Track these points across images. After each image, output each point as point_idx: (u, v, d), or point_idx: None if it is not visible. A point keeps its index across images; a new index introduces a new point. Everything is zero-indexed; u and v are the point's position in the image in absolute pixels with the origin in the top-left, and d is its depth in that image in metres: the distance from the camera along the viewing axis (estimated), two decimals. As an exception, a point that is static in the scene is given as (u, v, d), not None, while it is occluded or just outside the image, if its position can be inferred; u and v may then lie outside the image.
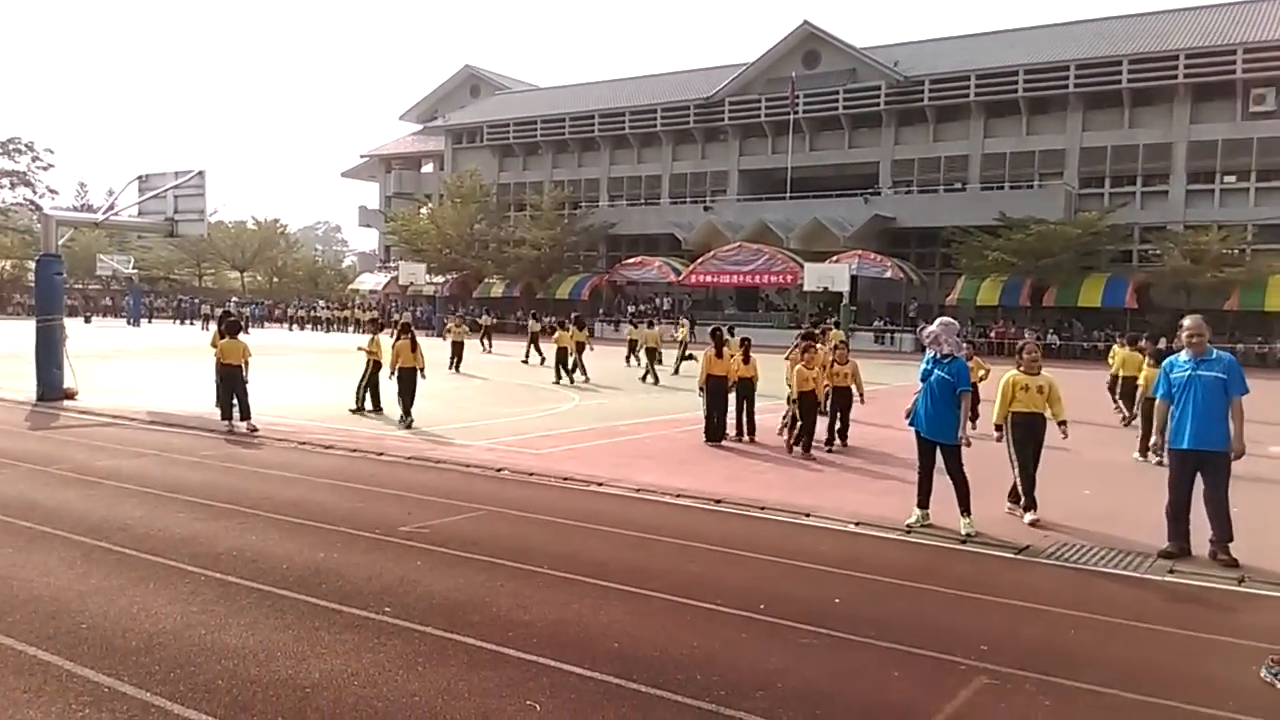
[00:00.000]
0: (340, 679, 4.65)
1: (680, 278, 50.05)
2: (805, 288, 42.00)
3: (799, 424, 12.53)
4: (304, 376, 22.59)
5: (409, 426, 13.83)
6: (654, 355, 23.78)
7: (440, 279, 57.13)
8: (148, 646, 5.02)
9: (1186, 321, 7.75)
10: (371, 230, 76.37)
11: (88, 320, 55.30)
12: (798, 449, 12.44)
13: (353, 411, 15.26)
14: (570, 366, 22.57)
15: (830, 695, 4.66)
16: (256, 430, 13.01)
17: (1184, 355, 7.67)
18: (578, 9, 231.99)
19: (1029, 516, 8.54)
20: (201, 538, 7.30)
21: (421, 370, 14.64)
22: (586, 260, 57.58)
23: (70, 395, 16.10)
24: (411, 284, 55.82)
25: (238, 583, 6.17)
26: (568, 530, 7.99)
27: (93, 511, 8.09)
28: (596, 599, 6.07)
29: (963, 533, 7.93)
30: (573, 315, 26.22)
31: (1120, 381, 16.38)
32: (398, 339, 14.71)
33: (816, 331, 16.22)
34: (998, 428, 8.85)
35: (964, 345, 10.66)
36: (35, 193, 71.60)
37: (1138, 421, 13.25)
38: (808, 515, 8.65)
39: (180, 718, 4.22)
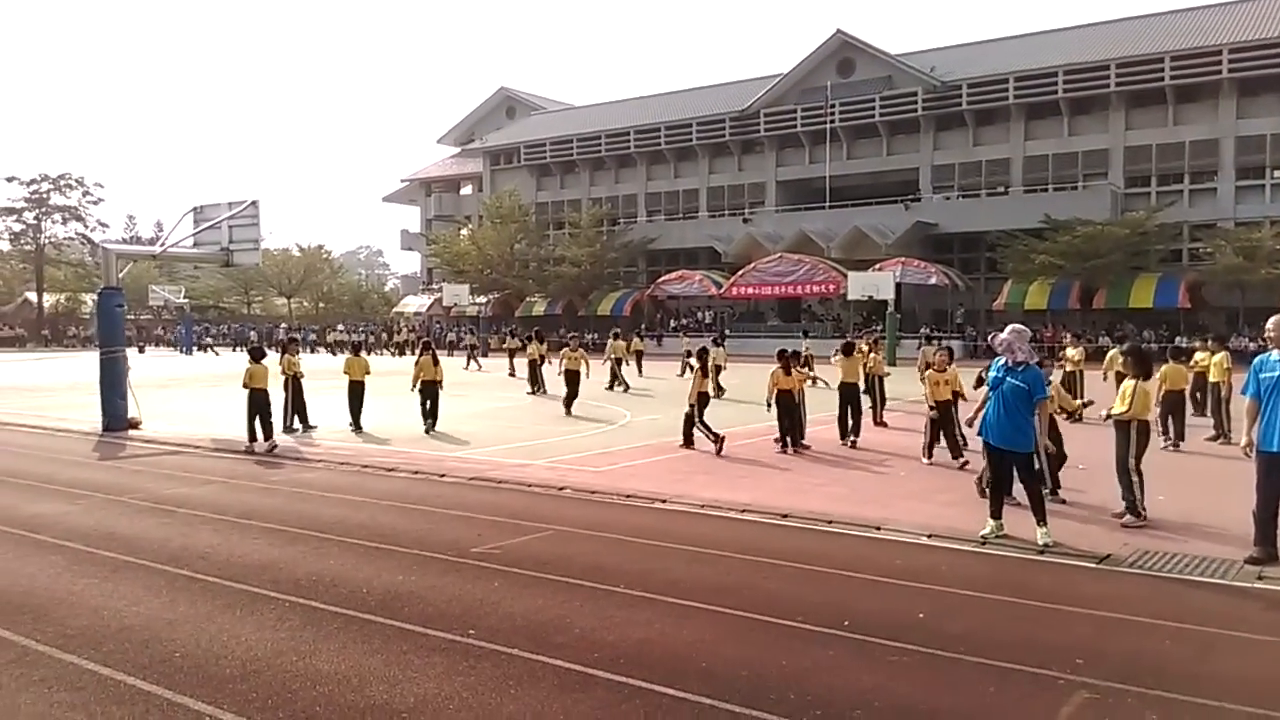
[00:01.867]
0: (435, 703, 4.67)
1: (721, 291, 49.99)
2: (849, 297, 41.76)
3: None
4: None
5: (430, 431, 15.68)
6: (621, 364, 25.56)
7: (483, 299, 57.62)
8: (243, 674, 5.08)
9: (1272, 319, 7.55)
10: (414, 253, 77.30)
11: (142, 350, 56.44)
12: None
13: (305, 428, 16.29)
14: (538, 378, 24.34)
15: (928, 713, 4.59)
16: (275, 448, 13.82)
17: (1275, 354, 7.43)
18: (610, 28, 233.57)
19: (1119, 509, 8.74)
20: (280, 563, 7.39)
21: (440, 383, 16.57)
22: (627, 276, 57.73)
23: (135, 425, 16.43)
24: (455, 305, 56.36)
25: (322, 608, 6.23)
26: (637, 548, 7.98)
27: (170, 539, 8.23)
28: (677, 617, 6.05)
29: (1040, 543, 7.79)
30: (534, 329, 28.47)
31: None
32: (420, 355, 16.80)
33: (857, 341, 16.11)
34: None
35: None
36: (86, 227, 73.45)
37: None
38: (878, 528, 8.56)
39: (283, 744, 4.26)
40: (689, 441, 13.82)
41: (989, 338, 9.38)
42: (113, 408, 16.52)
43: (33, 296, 74.17)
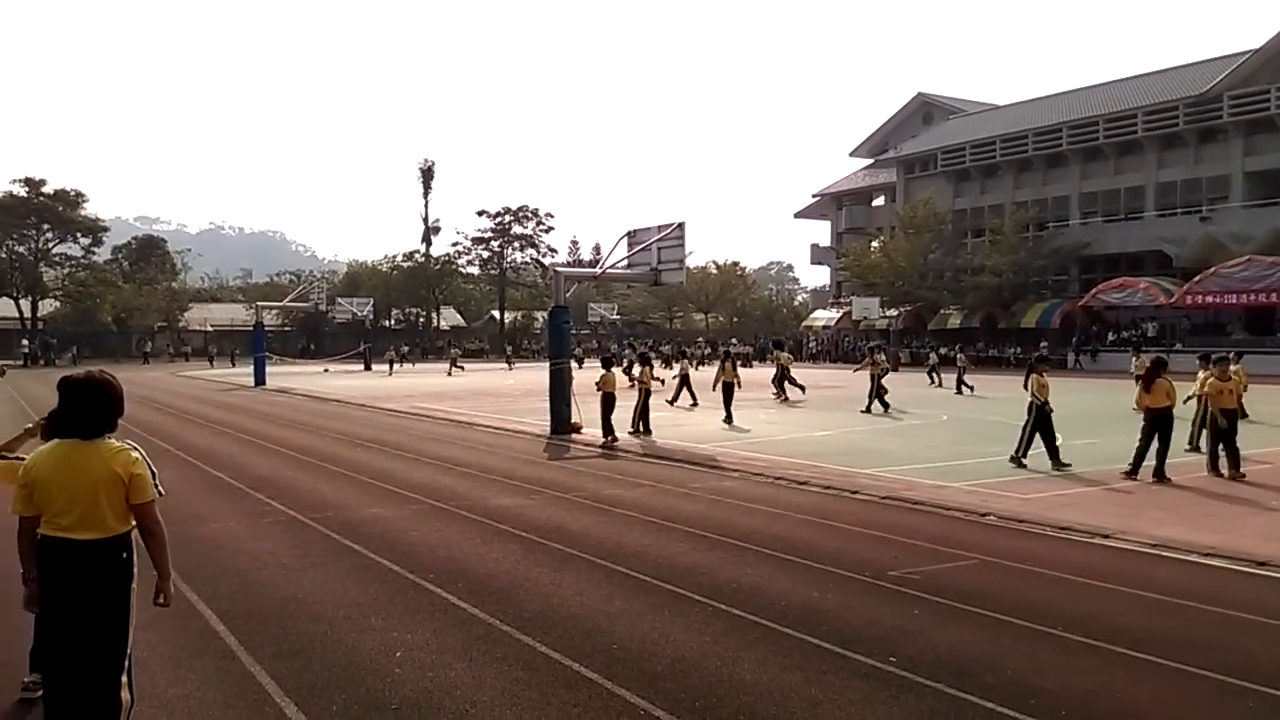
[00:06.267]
0: (856, 730, 4.54)
1: (1172, 300, 44.25)
2: (1342, 305, 34.87)
3: None
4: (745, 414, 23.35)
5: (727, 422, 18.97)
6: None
7: (893, 312, 56.48)
8: (672, 673, 5.34)
9: None
10: (823, 267, 77.94)
11: (581, 363, 62.83)
12: None
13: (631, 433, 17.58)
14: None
15: None
16: (617, 441, 16.29)
17: None
18: (1036, 22, 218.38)
19: None
20: (703, 568, 7.71)
21: (739, 382, 20.46)
22: (1055, 285, 53.23)
23: (576, 429, 18.24)
24: (864, 318, 55.87)
25: (742, 616, 6.37)
26: (1075, 587, 7.21)
27: (608, 537, 8.95)
28: (1130, 671, 5.34)
29: None
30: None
31: None
32: (723, 362, 20.79)
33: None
34: None
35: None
36: (539, 252, 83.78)
37: None
38: (1398, 590, 6.95)
39: (709, 749, 4.38)
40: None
41: None
42: (559, 413, 18.49)
43: (496, 314, 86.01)
